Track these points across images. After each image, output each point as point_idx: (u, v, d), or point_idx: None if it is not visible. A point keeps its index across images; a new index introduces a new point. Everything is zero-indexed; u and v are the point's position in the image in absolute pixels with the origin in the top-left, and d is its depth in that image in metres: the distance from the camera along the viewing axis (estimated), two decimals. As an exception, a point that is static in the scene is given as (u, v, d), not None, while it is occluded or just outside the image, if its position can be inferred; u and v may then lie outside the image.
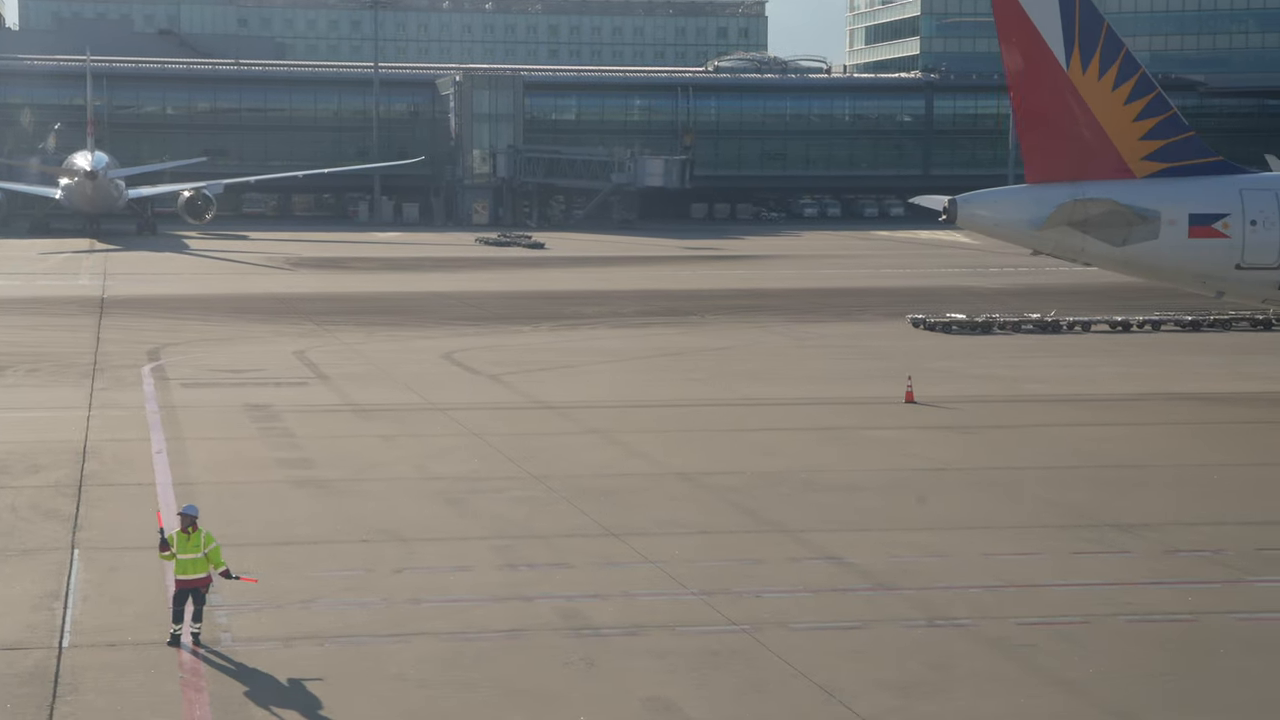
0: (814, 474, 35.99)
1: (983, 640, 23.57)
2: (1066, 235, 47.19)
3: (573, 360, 58.01)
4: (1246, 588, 26.67)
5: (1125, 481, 35.84)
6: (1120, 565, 28.10)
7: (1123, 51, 47.43)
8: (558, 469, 36.02)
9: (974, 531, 30.54)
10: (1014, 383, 51.97)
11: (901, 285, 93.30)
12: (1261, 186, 47.61)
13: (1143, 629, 24.28)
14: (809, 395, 48.71)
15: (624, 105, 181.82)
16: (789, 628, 23.96)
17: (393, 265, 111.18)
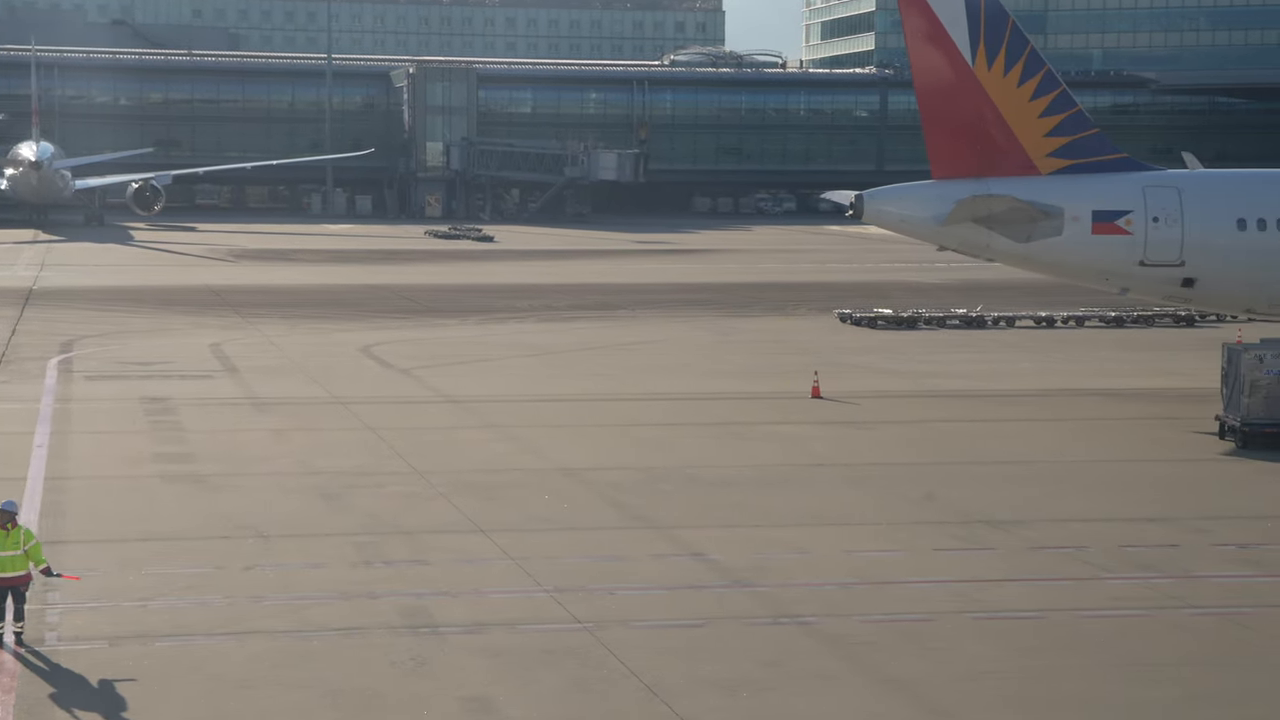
0: (698, 470, 35.94)
1: (823, 638, 23.54)
2: (971, 231, 47.25)
3: (491, 354, 57.85)
4: (1099, 585, 26.71)
5: (1008, 478, 35.94)
6: (981, 562, 28.14)
7: (1028, 48, 47.50)
8: (443, 464, 35.88)
9: (842, 528, 30.54)
10: (925, 378, 52.08)
11: (843, 280, 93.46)
12: (1164, 184, 47.74)
13: (986, 626, 24.30)
14: (716, 390, 48.69)
15: (579, 99, 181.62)
16: (631, 626, 23.86)
17: (336, 258, 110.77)
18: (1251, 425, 39.24)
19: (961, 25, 46.93)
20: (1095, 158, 48.03)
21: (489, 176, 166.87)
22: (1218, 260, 47.24)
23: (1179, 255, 47.16)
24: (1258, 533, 30.31)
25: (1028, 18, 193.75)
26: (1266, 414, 39.23)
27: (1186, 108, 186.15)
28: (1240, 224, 47.41)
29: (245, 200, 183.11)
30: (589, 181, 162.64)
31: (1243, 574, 27.51)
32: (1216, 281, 47.59)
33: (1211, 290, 47.97)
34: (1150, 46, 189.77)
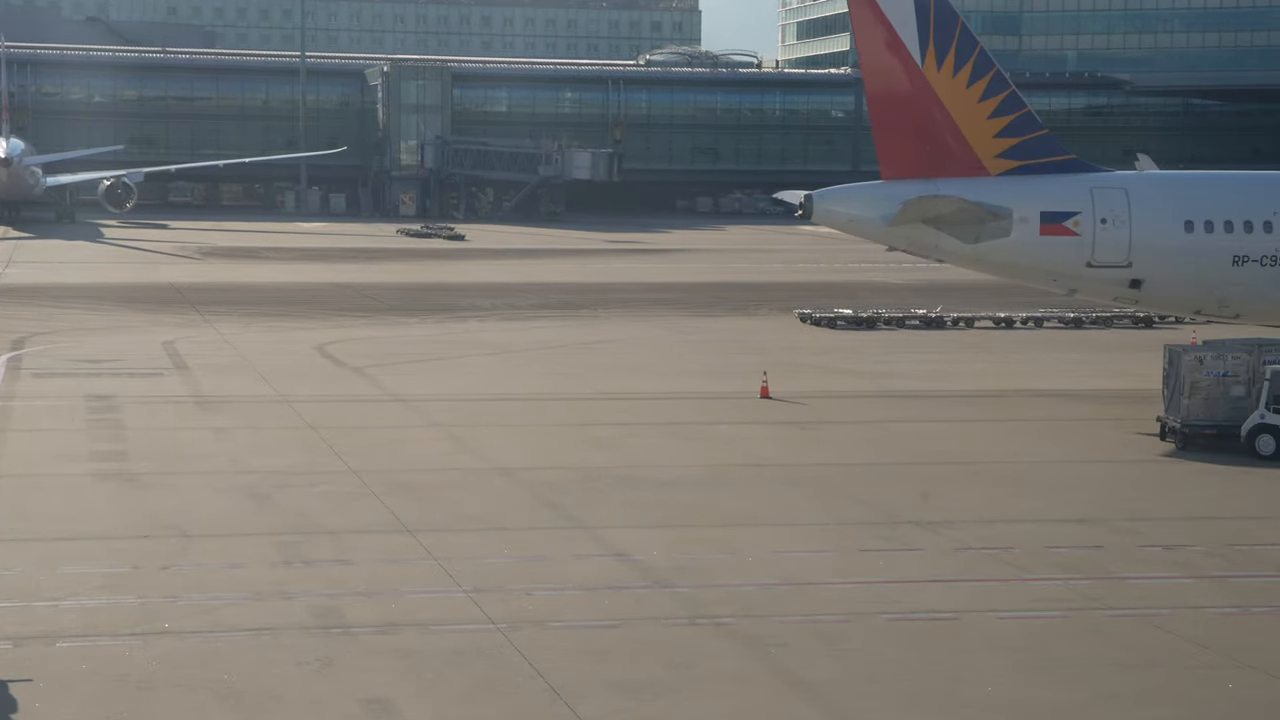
0: (638, 470, 35.93)
1: (737, 639, 23.53)
2: (920, 232, 47.30)
3: (447, 353, 57.73)
4: (1020, 586, 26.76)
5: (946, 478, 35.96)
6: (906, 563, 28.15)
7: (977, 49, 47.57)
8: (380, 463, 35.78)
9: (771, 529, 30.54)
10: (877, 378, 52.12)
11: (810, 280, 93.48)
12: (1112, 185, 47.83)
13: (901, 628, 24.32)
14: (668, 390, 48.64)
15: (554, 98, 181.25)
16: (546, 626, 23.83)
17: (305, 256, 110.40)
18: (1191, 427, 39.32)
19: (911, 26, 46.98)
20: (1044, 159, 48.09)
21: (463, 175, 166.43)
22: (1165, 262, 47.37)
23: (1126, 257, 47.27)
24: (1185, 534, 30.39)
25: (1002, 19, 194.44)
26: (1206, 415, 39.32)
27: (1160, 109, 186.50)
28: (1188, 226, 47.56)
29: (219, 198, 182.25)
30: (563, 181, 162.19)
31: (1165, 575, 27.58)
32: (1164, 283, 47.72)
33: (1159, 292, 48.11)
34: (1124, 48, 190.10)
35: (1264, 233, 47.49)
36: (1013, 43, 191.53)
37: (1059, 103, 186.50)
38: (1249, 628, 24.51)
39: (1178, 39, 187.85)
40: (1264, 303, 48.20)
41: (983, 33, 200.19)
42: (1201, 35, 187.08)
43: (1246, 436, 38.22)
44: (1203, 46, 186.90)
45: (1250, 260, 47.28)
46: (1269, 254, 47.24)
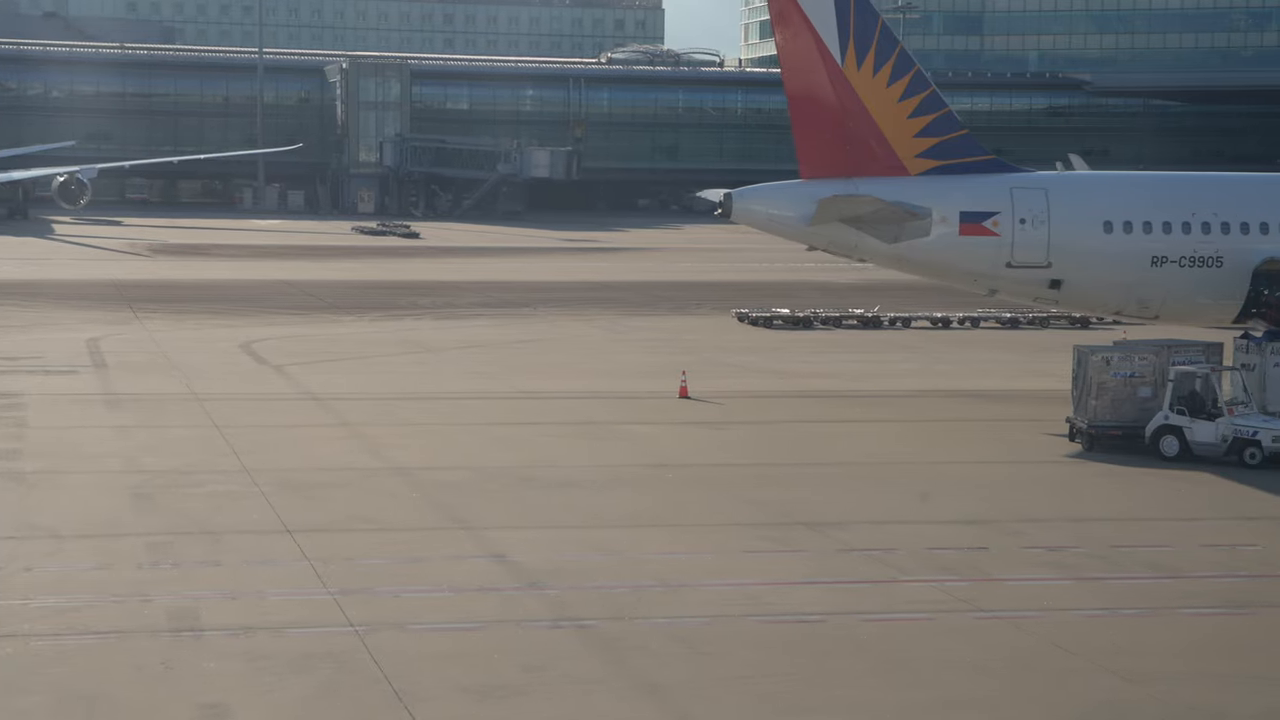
0: (537, 470, 35.70)
1: (596, 641, 23.31)
2: (839, 232, 47.14)
3: (374, 351, 57.39)
4: (894, 588, 26.61)
5: (845, 478, 35.86)
6: (785, 564, 27.98)
7: (897, 49, 47.41)
8: (276, 463, 35.44)
9: (658, 529, 30.33)
10: (802, 378, 52.00)
11: (757, 279, 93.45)
12: (1032, 185, 47.71)
13: (766, 629, 24.13)
14: (587, 389, 48.41)
15: (515, 96, 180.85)
16: (406, 629, 23.57)
17: (254, 253, 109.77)
18: (1097, 428, 39.29)
19: (831, 25, 46.81)
20: (964, 159, 47.99)
21: (422, 173, 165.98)
22: (1084, 262, 47.29)
23: (1046, 257, 47.18)
24: (1072, 536, 30.29)
25: (964, 19, 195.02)
26: (1113, 416, 39.31)
27: (1121, 110, 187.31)
28: (1107, 226, 47.50)
29: (178, 195, 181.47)
30: (522, 179, 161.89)
31: (1042, 577, 27.48)
32: (1083, 284, 47.64)
33: (1078, 292, 48.04)
34: (1086, 48, 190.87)
35: (1183, 233, 47.48)
36: (975, 43, 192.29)
37: (1020, 103, 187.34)
38: (1115, 630, 24.40)
39: (1139, 40, 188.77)
40: (1183, 304, 48.18)
41: (945, 33, 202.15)
42: (1163, 36, 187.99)
43: (1151, 437, 38.21)
44: (1164, 47, 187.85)
45: (1169, 261, 47.24)
46: (1188, 255, 47.24)
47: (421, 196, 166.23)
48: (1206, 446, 37.39)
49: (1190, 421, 37.69)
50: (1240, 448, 36.95)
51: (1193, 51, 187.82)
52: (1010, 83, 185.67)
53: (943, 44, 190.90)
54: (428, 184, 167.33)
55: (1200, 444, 37.46)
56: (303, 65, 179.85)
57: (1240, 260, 47.37)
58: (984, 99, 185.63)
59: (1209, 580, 27.20)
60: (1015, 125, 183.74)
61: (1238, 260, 47.36)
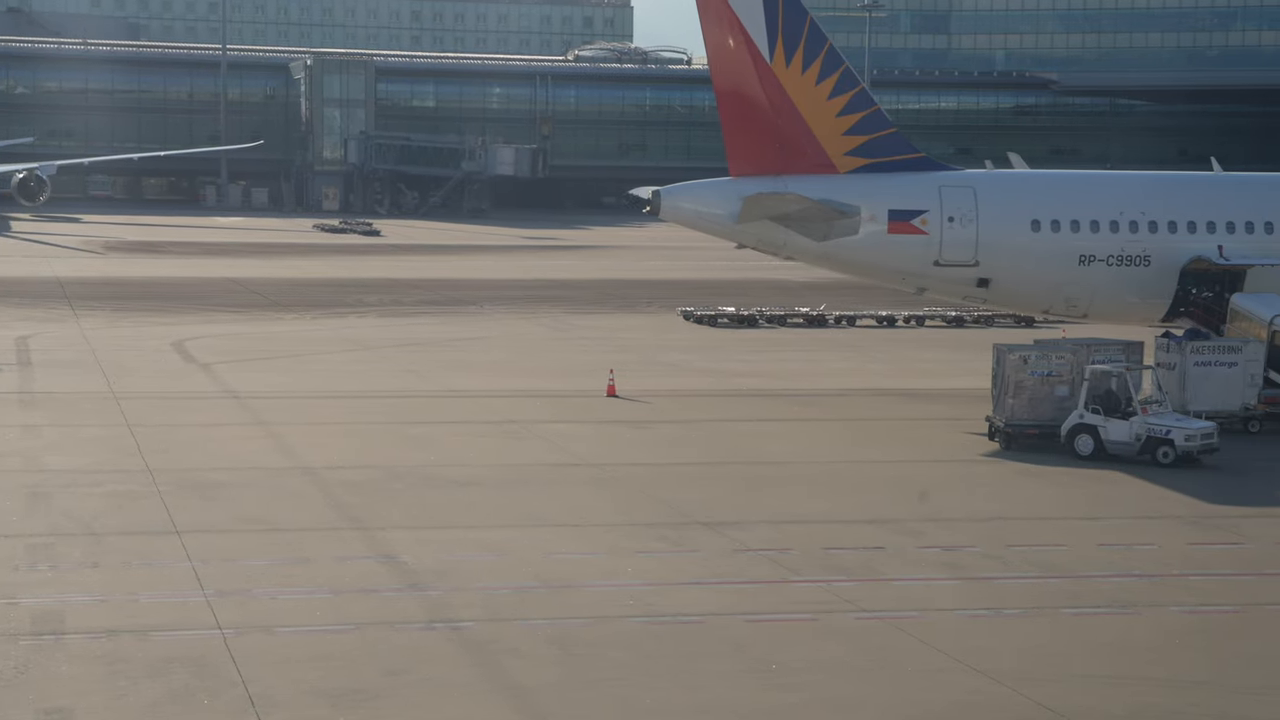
0: (446, 469, 35.38)
1: (467, 644, 23.03)
2: (768, 230, 46.95)
3: (307, 349, 56.97)
4: (781, 589, 26.37)
5: (756, 478, 35.63)
6: (676, 565, 27.72)
7: (826, 46, 47.23)
8: (180, 462, 35.03)
9: (556, 529, 30.07)
10: (736, 377, 51.77)
11: (713, 278, 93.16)
12: (960, 184, 47.64)
13: (644, 630, 23.85)
14: (516, 388, 48.07)
15: (481, 93, 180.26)
16: (275, 632, 23.24)
17: (209, 251, 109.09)
18: (1014, 426, 39.17)
19: (759, 22, 46.59)
20: (893, 157, 47.86)
21: (387, 170, 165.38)
22: (1012, 261, 47.21)
23: (974, 255, 47.08)
24: (971, 535, 30.11)
25: (931, 18, 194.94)
26: (1030, 415, 39.19)
27: (1087, 109, 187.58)
28: (1034, 225, 47.43)
29: (142, 192, 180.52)
30: (487, 176, 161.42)
31: (932, 577, 27.29)
32: (1011, 282, 47.58)
33: (1006, 291, 47.98)
34: (1052, 48, 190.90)
35: (1110, 232, 47.47)
36: (942, 41, 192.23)
37: (987, 102, 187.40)
38: (992, 630, 24.23)
39: (1105, 39, 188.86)
40: (1111, 303, 48.19)
41: (912, 31, 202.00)
42: (1129, 36, 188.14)
43: (1066, 436, 38.10)
44: (1130, 47, 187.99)
45: (1097, 260, 47.24)
46: (1115, 254, 47.25)
47: (387, 194, 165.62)
48: (1121, 445, 37.28)
49: (1105, 420, 37.57)
50: (1153, 447, 36.85)
51: (1159, 51, 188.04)
52: (977, 82, 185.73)
53: (910, 43, 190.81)
54: (394, 182, 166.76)
55: (1114, 443, 37.35)
56: (268, 62, 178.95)
57: (1168, 260, 47.39)
58: (951, 98, 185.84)
59: (1098, 580, 27.04)
60: (982, 124, 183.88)
61: (1165, 259, 47.39)
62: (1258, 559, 28.64)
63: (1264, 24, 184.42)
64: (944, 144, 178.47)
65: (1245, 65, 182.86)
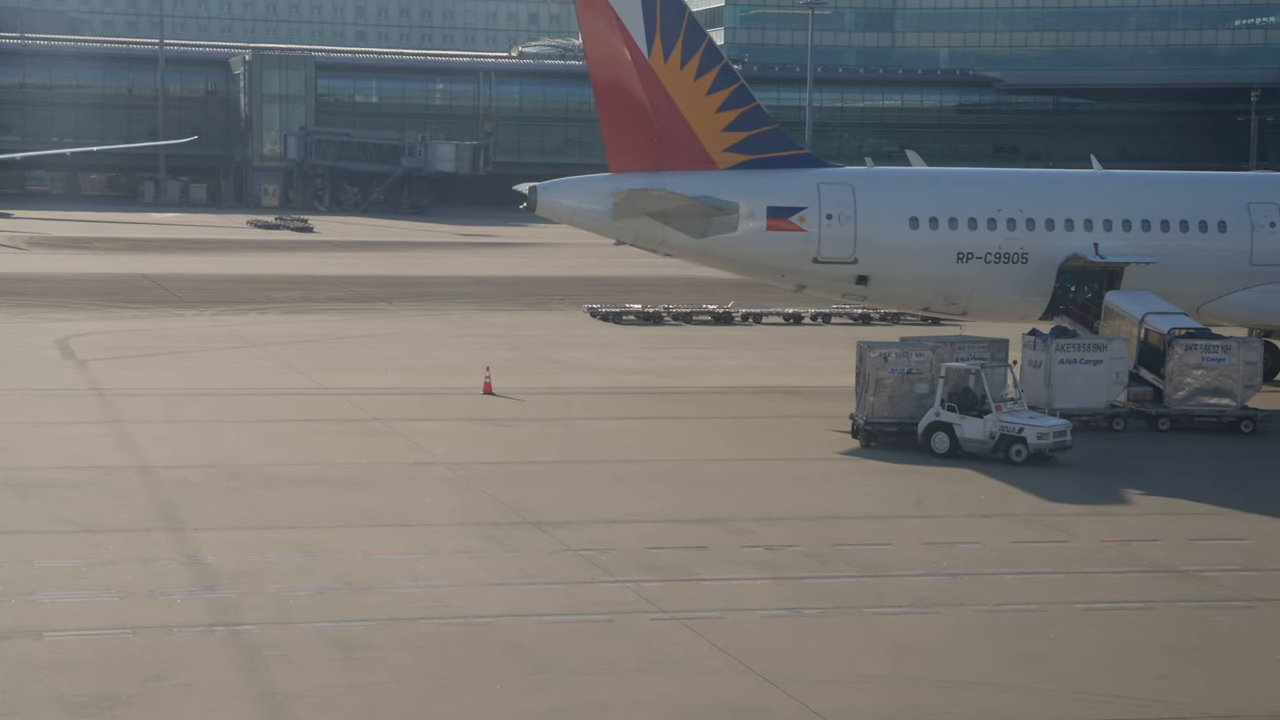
0: (289, 468, 34.82)
1: (239, 648, 22.51)
2: (646, 226, 46.60)
3: (196, 346, 56.30)
4: (586, 589, 25.98)
5: (603, 477, 35.27)
6: (491, 565, 27.29)
7: (705, 42, 46.97)
8: (13, 461, 34.34)
9: (380, 529, 29.60)
10: (621, 374, 51.41)
11: (639, 274, 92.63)
12: (839, 181, 47.42)
13: (432, 632, 23.38)
14: (395, 385, 47.59)
15: (425, 89, 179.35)
16: (42, 637, 22.62)
17: (134, 247, 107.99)
18: (874, 424, 38.92)
19: (637, 17, 46.23)
20: (773, 153, 47.62)
21: (327, 167, 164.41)
22: (890, 258, 47.02)
23: (852, 253, 46.87)
24: (797, 534, 29.77)
25: (875, 16, 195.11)
26: (890, 413, 38.95)
27: (1030, 107, 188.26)
28: (913, 222, 47.27)
29: (80, 188, 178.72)
30: (427, 173, 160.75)
31: (744, 577, 26.93)
32: (889, 279, 47.39)
33: (885, 288, 47.78)
34: (995, 46, 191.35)
35: (988, 230, 47.35)
36: (885, 39, 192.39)
37: (931, 100, 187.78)
38: (785, 631, 23.92)
39: (1048, 37, 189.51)
40: (990, 300, 48.09)
41: (855, 29, 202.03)
42: (1071, 34, 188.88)
43: (923, 434, 37.89)
44: (1072, 45, 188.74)
45: (975, 257, 47.09)
46: (993, 251, 47.13)
47: (327, 190, 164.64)
48: (975, 443, 37.08)
49: (960, 418, 37.37)
50: (1007, 444, 36.67)
51: (1101, 50, 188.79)
52: (921, 80, 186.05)
53: (854, 40, 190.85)
54: (335, 178, 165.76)
55: (969, 440, 37.16)
56: (208, 57, 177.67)
57: (1045, 257, 47.30)
58: (895, 96, 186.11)
59: (910, 579, 26.78)
60: (926, 122, 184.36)
61: (1043, 257, 47.29)
62: (1078, 557, 28.45)
63: (1205, 23, 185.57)
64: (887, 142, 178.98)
65: (1187, 64, 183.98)
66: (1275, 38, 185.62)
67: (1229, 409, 41.41)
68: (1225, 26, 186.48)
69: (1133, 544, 29.34)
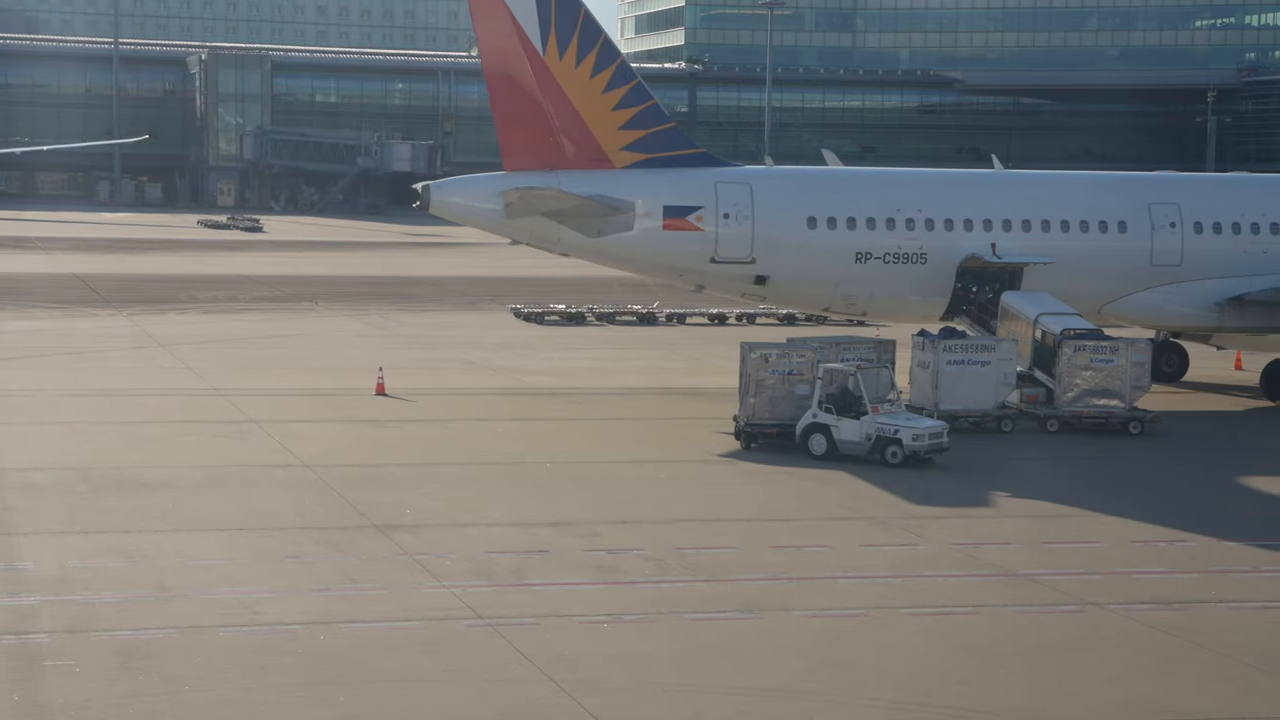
0: (146, 470, 34.05)
1: (17, 658, 21.71)
2: (541, 225, 46.04)
3: (98, 346, 55.53)
4: (410, 594, 25.30)
5: (468, 479, 34.56)
6: (318, 571, 26.54)
7: (601, 39, 46.40)
8: None
9: (214, 534, 28.87)
10: (523, 375, 50.77)
11: (577, 275, 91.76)
12: (737, 180, 46.90)
13: (223, 641, 22.57)
14: (287, 386, 46.88)
15: (383, 89, 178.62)
16: None
17: (74, 246, 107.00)
18: (755, 425, 38.38)
19: (532, 15, 45.63)
20: (671, 152, 47.08)
21: (283, 166, 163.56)
22: (788, 258, 46.51)
23: (749, 253, 46.35)
24: (647, 538, 29.11)
25: (836, 16, 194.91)
26: (770, 414, 38.40)
27: (991, 108, 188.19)
28: (810, 222, 46.79)
29: (37, 187, 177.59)
30: (384, 173, 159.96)
31: (576, 582, 26.29)
32: (788, 279, 46.86)
33: (783, 288, 47.26)
34: (956, 47, 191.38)
35: (887, 230, 46.88)
36: (846, 40, 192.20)
37: (892, 100, 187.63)
38: (595, 638, 23.29)
39: (1008, 38, 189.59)
40: (890, 300, 47.62)
41: (816, 29, 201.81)
42: (1032, 35, 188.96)
43: (801, 435, 37.39)
44: (1033, 45, 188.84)
45: (873, 257, 46.61)
46: (891, 251, 46.67)
47: (284, 190, 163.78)
48: (852, 445, 36.60)
49: (837, 420, 36.87)
50: (883, 446, 36.19)
51: (1062, 51, 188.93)
52: (882, 80, 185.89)
53: (815, 41, 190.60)
54: (292, 178, 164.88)
55: (846, 442, 36.67)
56: (164, 56, 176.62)
57: (944, 257, 46.81)
58: (856, 96, 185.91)
59: (743, 584, 26.20)
60: (887, 123, 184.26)
61: (942, 257, 46.79)
62: (922, 561, 27.91)
63: (1164, 24, 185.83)
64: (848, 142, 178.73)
65: (1147, 65, 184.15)
66: (1235, 39, 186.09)
67: (1117, 410, 41.03)
68: (1185, 28, 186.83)
69: (982, 547, 28.87)
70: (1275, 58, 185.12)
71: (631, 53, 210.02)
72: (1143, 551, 28.92)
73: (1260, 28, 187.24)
